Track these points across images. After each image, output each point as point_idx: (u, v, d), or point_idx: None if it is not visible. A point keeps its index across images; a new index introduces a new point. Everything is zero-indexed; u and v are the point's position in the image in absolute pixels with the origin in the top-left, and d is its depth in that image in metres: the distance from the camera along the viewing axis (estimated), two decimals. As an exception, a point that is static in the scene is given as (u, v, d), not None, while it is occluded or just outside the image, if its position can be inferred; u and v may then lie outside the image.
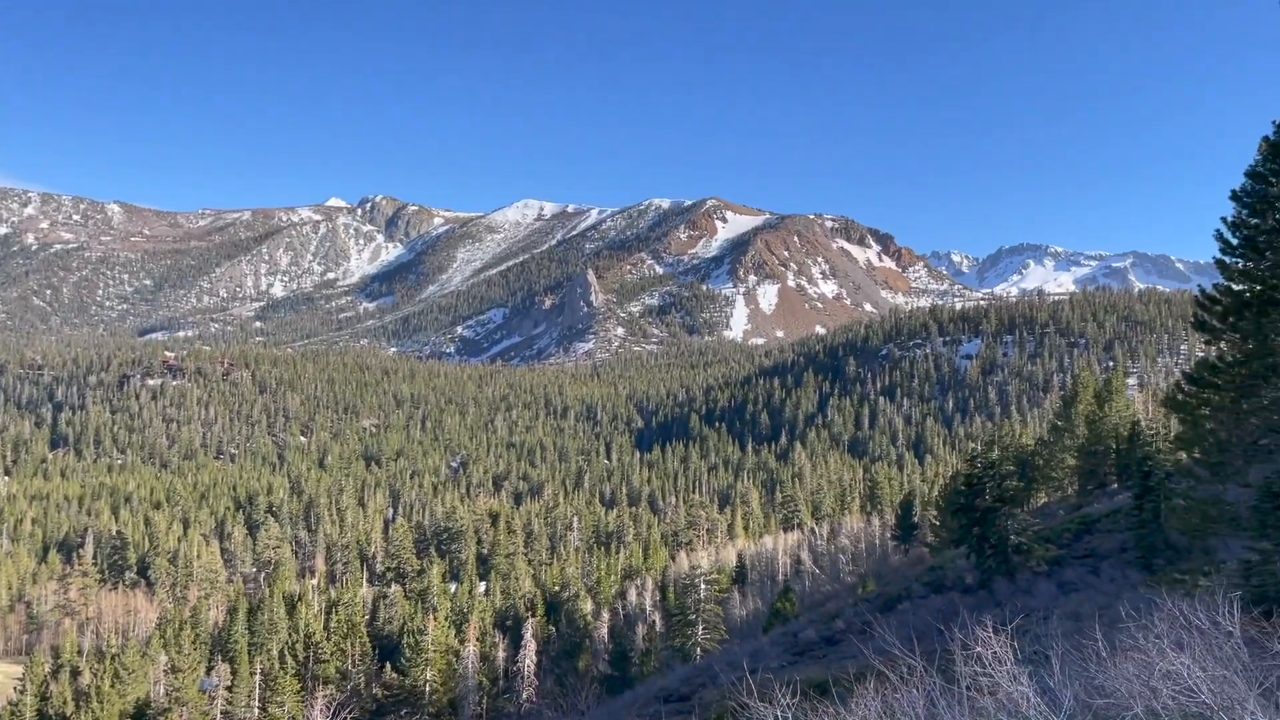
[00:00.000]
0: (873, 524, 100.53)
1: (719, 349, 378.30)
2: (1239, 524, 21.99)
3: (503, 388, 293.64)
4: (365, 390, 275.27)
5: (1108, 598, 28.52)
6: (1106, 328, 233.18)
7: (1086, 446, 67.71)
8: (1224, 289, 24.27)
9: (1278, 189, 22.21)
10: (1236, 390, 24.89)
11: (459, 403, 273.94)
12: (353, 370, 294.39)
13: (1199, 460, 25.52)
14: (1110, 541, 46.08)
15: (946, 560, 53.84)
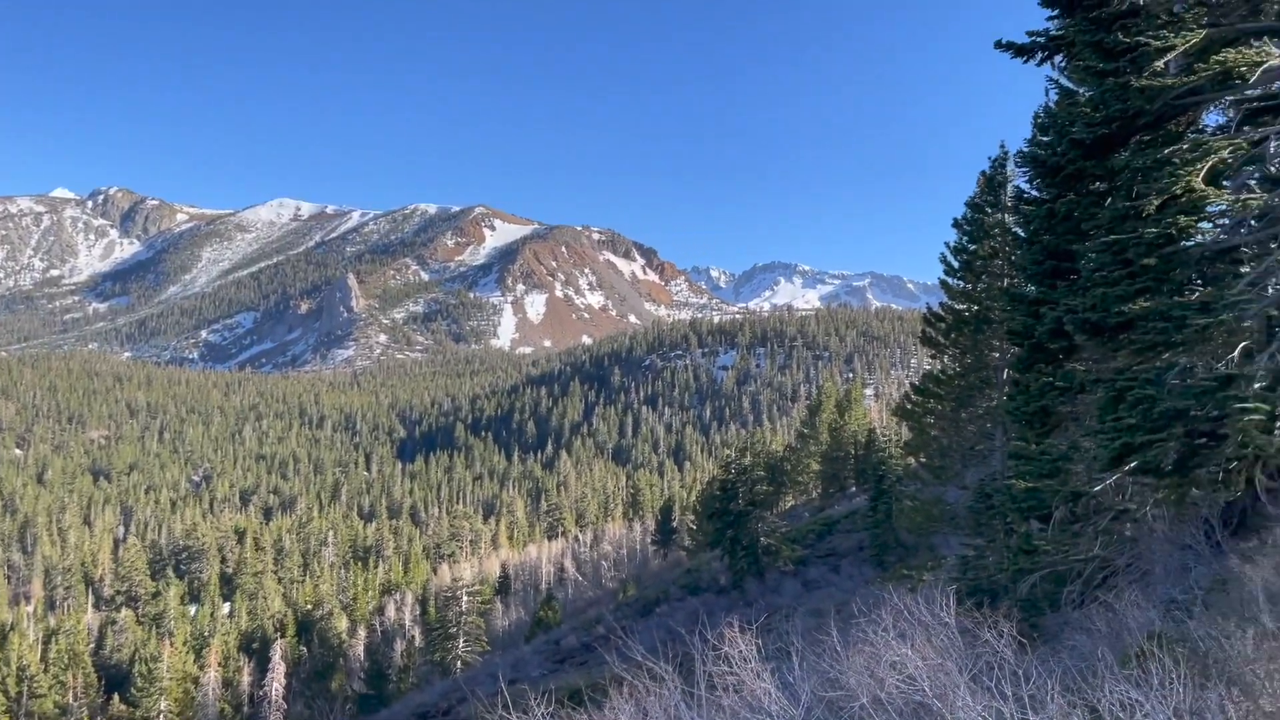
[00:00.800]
0: (635, 530, 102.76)
1: (486, 358, 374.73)
2: (958, 523, 24.12)
3: (252, 396, 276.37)
4: (94, 399, 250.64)
5: (846, 594, 30.54)
6: (847, 342, 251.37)
7: (829, 452, 72.58)
8: (947, 308, 26.63)
9: (992, 218, 24.60)
10: (957, 400, 27.44)
11: (202, 412, 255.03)
12: (79, 376, 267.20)
13: (924, 464, 27.88)
14: (849, 541, 49.41)
15: (703, 563, 55.81)
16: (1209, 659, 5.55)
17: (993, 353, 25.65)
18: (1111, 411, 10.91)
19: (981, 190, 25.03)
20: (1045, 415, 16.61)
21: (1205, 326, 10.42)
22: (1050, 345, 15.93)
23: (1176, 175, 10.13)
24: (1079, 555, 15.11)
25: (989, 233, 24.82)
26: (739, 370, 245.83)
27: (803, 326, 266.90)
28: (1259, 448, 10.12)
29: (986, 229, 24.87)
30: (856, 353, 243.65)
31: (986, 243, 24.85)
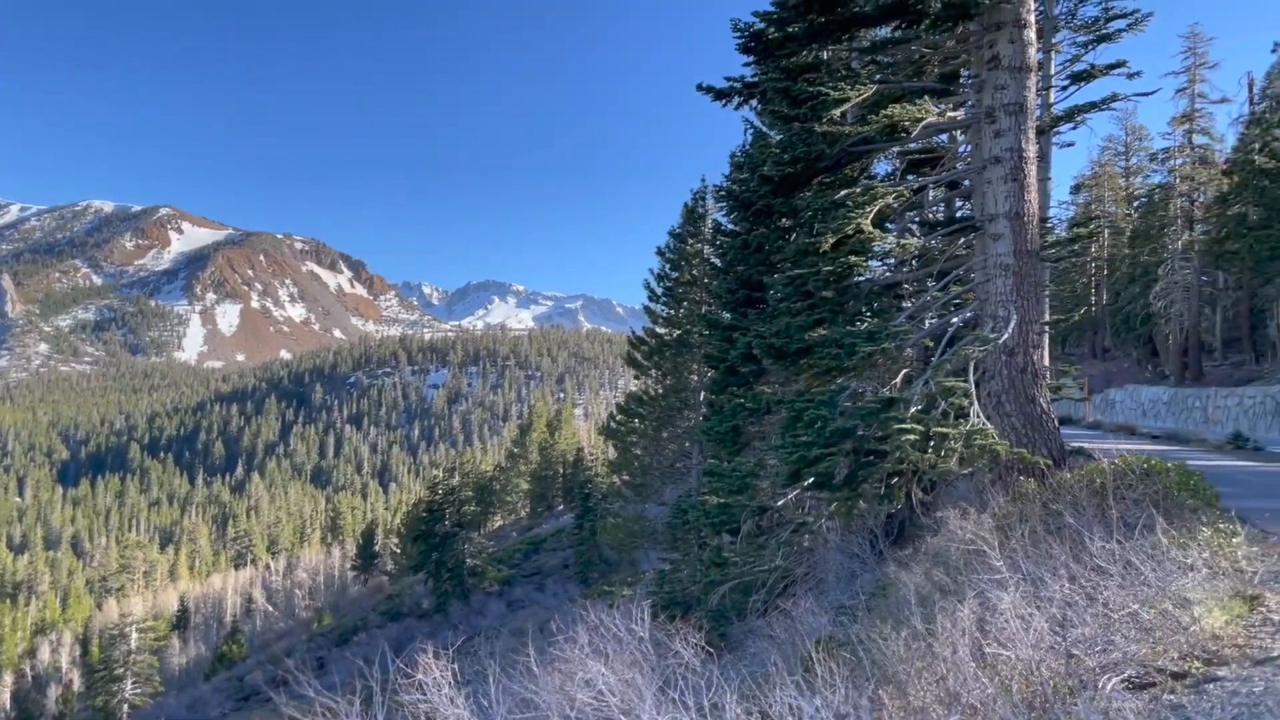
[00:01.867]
0: (334, 555, 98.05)
1: (169, 372, 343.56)
2: (657, 538, 25.01)
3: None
4: None
5: (549, 612, 30.74)
6: (559, 362, 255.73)
7: (539, 472, 73.19)
8: (650, 332, 27.71)
9: (693, 248, 25.90)
10: (659, 420, 28.60)
11: None
12: None
13: (627, 482, 28.75)
14: (555, 559, 49.91)
15: (405, 588, 54.18)
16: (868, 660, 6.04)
17: (692, 375, 27.00)
18: (791, 430, 11.71)
19: (684, 221, 26.37)
20: (736, 434, 17.65)
21: (871, 353, 11.45)
22: (742, 369, 16.98)
23: (849, 217, 11.09)
24: (763, 566, 16.13)
25: (690, 261, 26.14)
26: (450, 389, 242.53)
27: (516, 346, 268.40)
28: (913, 464, 11.23)
29: (687, 257, 26.17)
30: (568, 373, 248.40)
31: (687, 270, 26.13)
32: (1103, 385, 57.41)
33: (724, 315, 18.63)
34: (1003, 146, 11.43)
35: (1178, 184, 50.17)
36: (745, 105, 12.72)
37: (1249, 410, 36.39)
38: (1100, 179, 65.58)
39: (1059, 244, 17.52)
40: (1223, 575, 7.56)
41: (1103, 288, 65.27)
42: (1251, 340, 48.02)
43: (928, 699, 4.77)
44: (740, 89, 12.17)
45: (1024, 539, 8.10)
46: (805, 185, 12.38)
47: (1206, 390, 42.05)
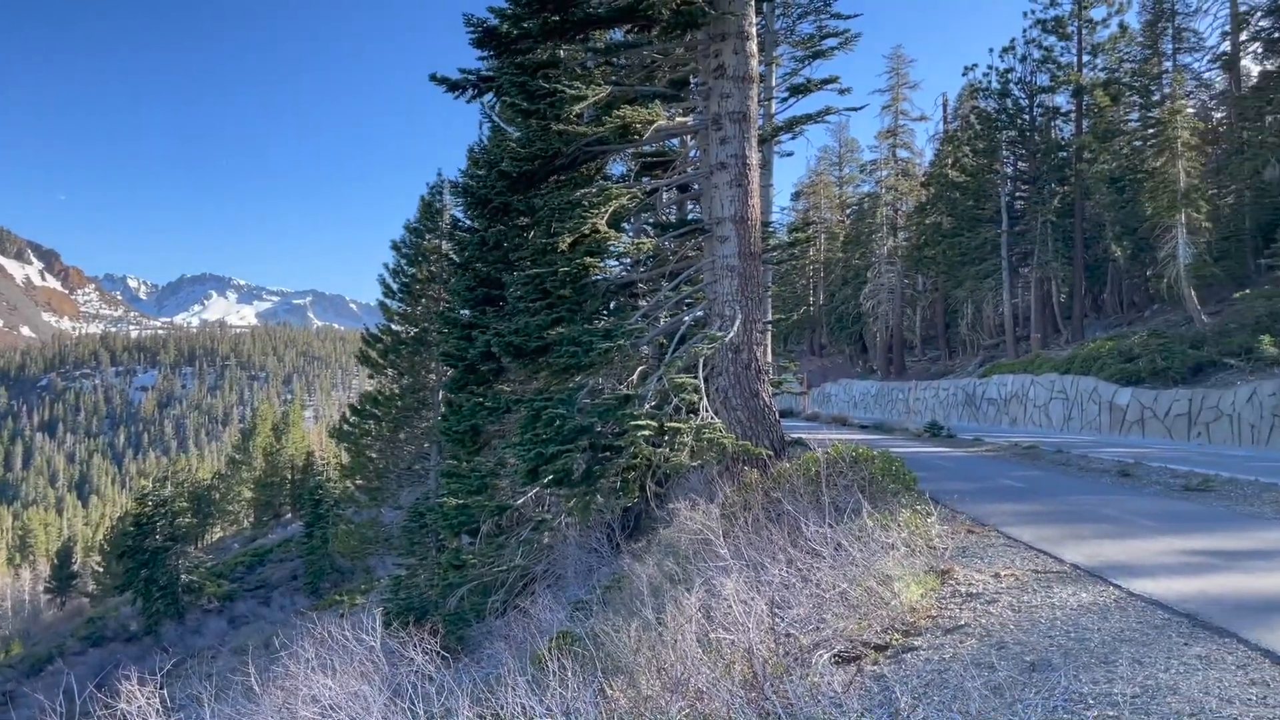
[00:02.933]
0: (23, 578, 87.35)
1: None
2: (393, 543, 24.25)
3: None
4: None
5: (276, 626, 29.01)
6: (287, 361, 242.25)
7: (264, 478, 68.86)
8: (385, 329, 26.82)
9: (430, 243, 25.35)
10: (395, 421, 27.73)
11: None
12: None
13: (361, 486, 27.68)
14: (283, 570, 47.23)
15: (110, 609, 49.26)
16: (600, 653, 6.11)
17: (430, 374, 26.40)
18: (530, 429, 11.70)
19: (421, 216, 25.74)
20: (475, 434, 17.43)
21: (608, 351, 11.66)
22: (481, 367, 16.77)
23: (585, 217, 11.23)
24: (503, 566, 16.03)
25: (427, 257, 25.56)
26: (161, 391, 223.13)
27: (237, 344, 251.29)
28: (647, 458, 11.55)
29: (425, 253, 25.57)
30: (296, 373, 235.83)
31: (425, 266, 25.54)
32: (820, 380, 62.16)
33: (463, 313, 18.34)
34: (728, 153, 12.00)
35: (883, 194, 55.29)
36: (480, 99, 12.56)
37: (943, 401, 40.71)
38: (817, 187, 71.02)
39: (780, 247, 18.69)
40: (919, 553, 8.33)
41: (820, 289, 70.69)
42: (946, 338, 53.76)
43: (656, 687, 4.87)
44: (475, 81, 12.00)
45: (747, 527, 8.54)
46: (543, 183, 12.41)
47: (908, 383, 46.61)
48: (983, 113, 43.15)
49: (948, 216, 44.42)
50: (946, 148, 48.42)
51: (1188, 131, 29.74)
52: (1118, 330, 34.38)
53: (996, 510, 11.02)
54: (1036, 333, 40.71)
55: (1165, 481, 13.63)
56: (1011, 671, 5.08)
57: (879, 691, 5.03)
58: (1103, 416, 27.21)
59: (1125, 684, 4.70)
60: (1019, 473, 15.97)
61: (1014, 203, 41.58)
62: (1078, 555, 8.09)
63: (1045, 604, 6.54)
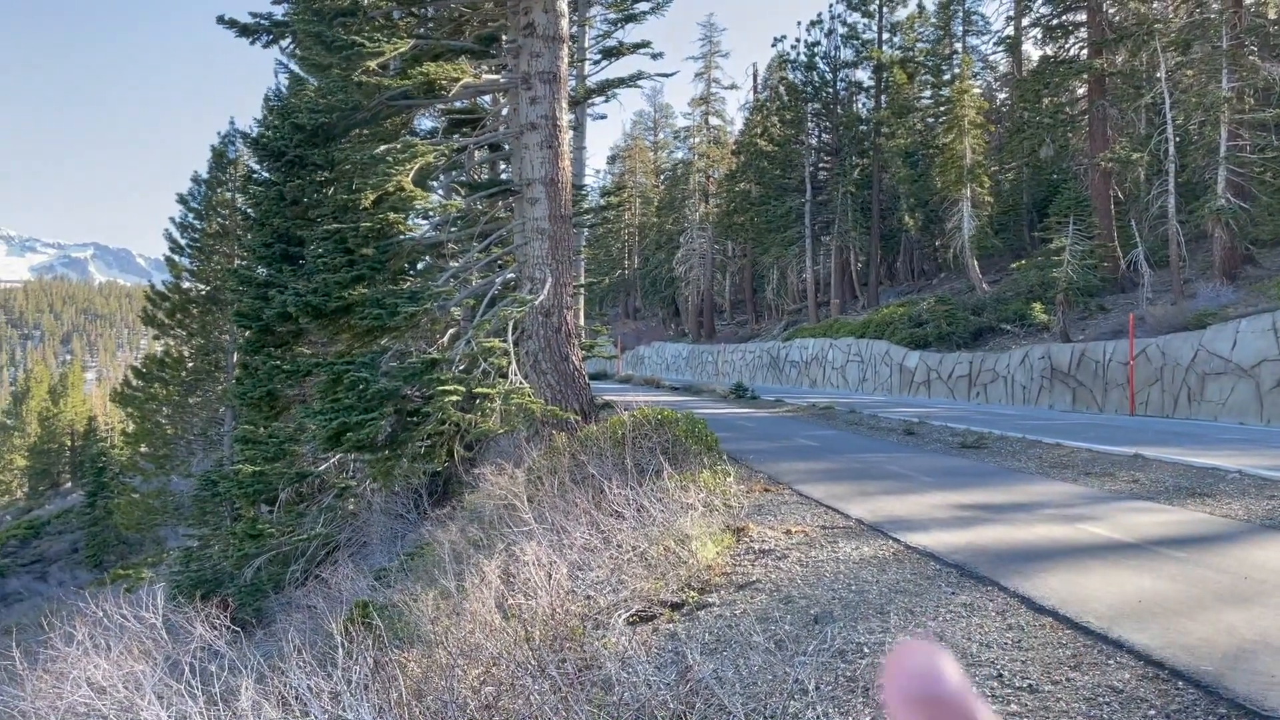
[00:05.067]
0: None
1: None
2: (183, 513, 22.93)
3: None
4: None
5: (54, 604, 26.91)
6: (65, 320, 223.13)
7: (40, 445, 63.68)
8: (173, 286, 25.11)
9: (222, 196, 23.85)
10: (184, 385, 26.08)
11: None
12: None
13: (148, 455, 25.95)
14: (61, 543, 43.89)
15: None
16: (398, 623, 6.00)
17: (224, 335, 24.95)
18: (331, 394, 11.29)
19: (212, 167, 24.13)
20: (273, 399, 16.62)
21: (414, 314, 11.37)
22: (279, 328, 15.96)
23: (389, 173, 10.84)
24: (303, 535, 15.45)
25: (219, 211, 24.05)
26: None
27: (7, 300, 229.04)
28: (455, 423, 11.39)
29: (216, 206, 24.05)
30: (76, 332, 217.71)
31: (216, 220, 24.03)
32: (634, 342, 63.07)
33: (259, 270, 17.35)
34: (538, 113, 11.86)
35: (696, 160, 56.33)
36: (276, 45, 11.84)
37: (750, 363, 42.23)
38: (633, 152, 71.49)
39: (593, 210, 18.72)
40: (717, 512, 8.62)
41: (634, 253, 71.46)
42: (753, 302, 55.62)
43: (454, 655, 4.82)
44: (268, 27, 11.29)
45: (553, 491, 8.57)
46: (343, 136, 11.88)
47: (717, 346, 48.03)
48: (791, 84, 44.55)
49: (756, 185, 45.80)
50: (756, 117, 49.80)
51: (974, 110, 31.81)
52: (909, 297, 36.60)
53: (792, 469, 11.54)
54: (836, 298, 42.76)
55: (945, 439, 14.68)
56: (795, 624, 5.34)
57: (671, 649, 5.17)
58: (894, 378, 28.97)
59: (897, 633, 5.03)
60: (815, 432, 16.78)
61: (818, 173, 43.30)
62: (863, 511, 8.59)
63: (830, 558, 6.91)
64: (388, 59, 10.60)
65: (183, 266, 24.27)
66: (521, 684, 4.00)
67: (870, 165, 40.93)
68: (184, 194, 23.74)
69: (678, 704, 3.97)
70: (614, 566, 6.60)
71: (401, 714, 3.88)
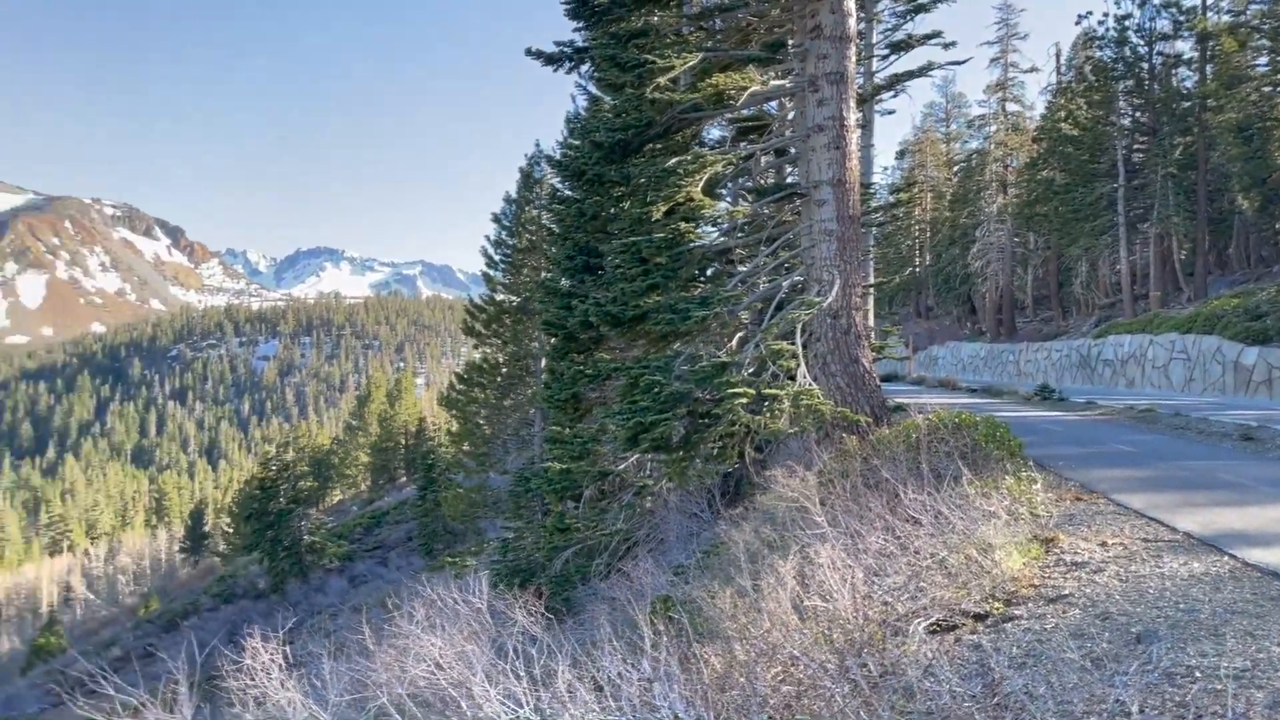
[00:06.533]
0: (159, 538, 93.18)
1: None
2: (500, 507, 24.90)
3: None
4: None
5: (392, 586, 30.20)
6: (398, 330, 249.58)
7: (379, 444, 71.39)
8: (488, 299, 27.37)
9: (529, 214, 25.69)
10: (499, 388, 28.37)
11: None
12: None
13: (469, 452, 28.46)
14: (398, 532, 49.02)
15: (239, 568, 52.08)
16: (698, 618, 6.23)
17: (533, 342, 26.87)
18: (629, 396, 11.85)
19: (521, 187, 26.08)
20: (577, 401, 17.70)
21: (704, 318, 11.70)
22: (581, 335, 17.00)
23: (679, 185, 11.24)
24: (606, 530, 16.33)
25: (527, 227, 25.94)
26: (282, 360, 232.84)
27: (351, 315, 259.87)
28: (745, 424, 11.58)
29: (524, 224, 25.95)
30: (408, 341, 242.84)
31: (525, 236, 25.92)
32: (926, 342, 60.79)
33: (563, 282, 18.58)
34: (825, 115, 11.81)
35: (992, 149, 53.37)
36: (576, 70, 12.64)
37: (1056, 363, 39.37)
38: (923, 144, 68.88)
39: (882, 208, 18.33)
40: (1022, 520, 8.18)
41: (925, 249, 68.82)
42: (1059, 297, 51.85)
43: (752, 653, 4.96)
44: (570, 54, 12.08)
45: (845, 494, 8.51)
46: (637, 152, 12.45)
47: (1018, 345, 45.20)
48: (1098, 63, 41.10)
49: (1060, 172, 42.63)
50: (1059, 100, 46.38)
51: (1326, 71, 27.84)
52: (1244, 287, 32.57)
53: (1106, 476, 10.68)
54: (1155, 291, 38.90)
55: (1293, 446, 12.96)
56: (1114, 643, 4.98)
57: (975, 661, 5.00)
58: (1226, 377, 25.92)
59: (1234, 657, 4.56)
60: (1132, 437, 15.40)
61: (1131, 156, 39.62)
62: (1191, 523, 7.81)
63: (1154, 574, 6.35)
64: (677, 73, 11.00)
65: (496, 280, 26.48)
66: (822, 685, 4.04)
67: (1194, 144, 36.83)
68: (497, 213, 25.93)
69: (984, 717, 3.84)
70: (911, 573, 6.47)
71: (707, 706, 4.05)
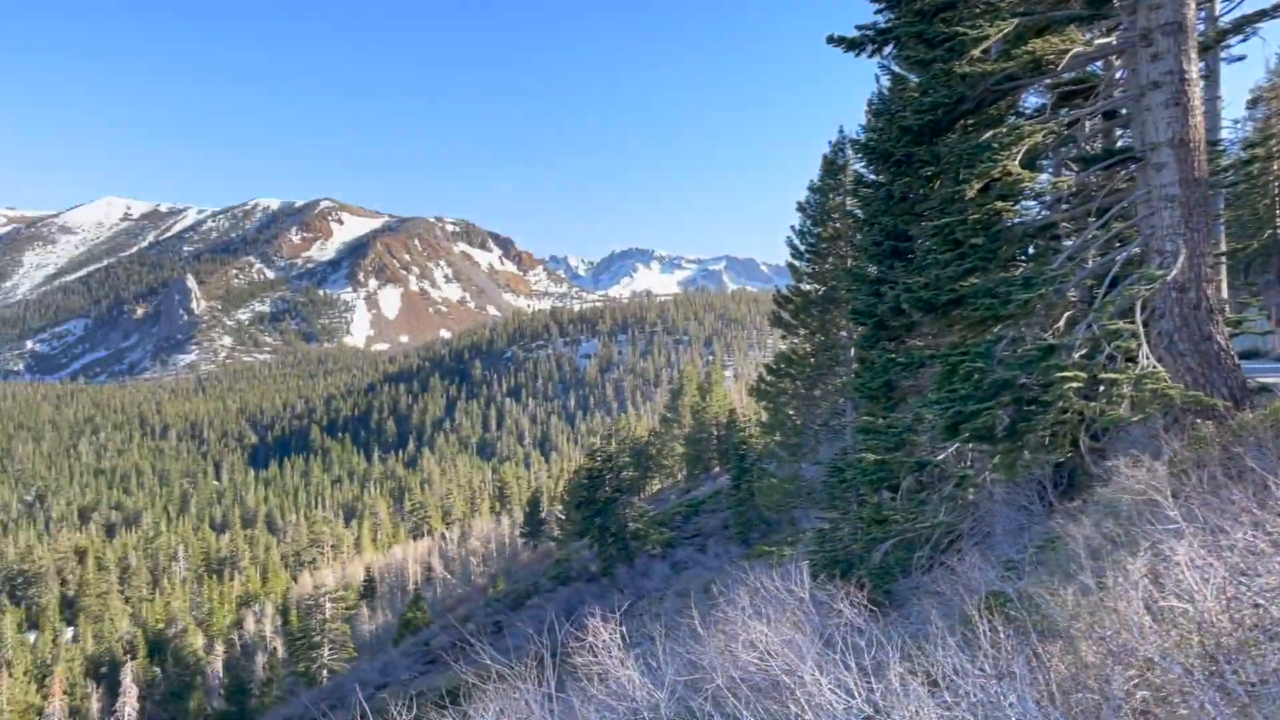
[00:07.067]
0: (503, 524, 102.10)
1: (340, 356, 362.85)
2: (814, 497, 24.90)
3: (87, 408, 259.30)
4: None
5: (712, 573, 31.12)
6: (706, 325, 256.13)
7: (693, 435, 73.77)
8: (794, 289, 27.42)
9: (833, 201, 25.43)
10: (808, 379, 28.33)
11: (32, 427, 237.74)
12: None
13: (780, 442, 28.70)
14: (715, 520, 50.34)
15: (572, 553, 55.88)
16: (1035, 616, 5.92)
17: (841, 331, 26.56)
18: (946, 384, 11.45)
19: (823, 174, 25.85)
20: (890, 390, 17.33)
21: (1027, 300, 11.04)
22: (892, 323, 16.62)
23: (994, 159, 10.68)
24: (926, 522, 15.84)
25: (831, 215, 25.68)
26: (601, 358, 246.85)
27: (662, 312, 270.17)
28: (1078, 411, 10.80)
29: (828, 211, 25.70)
30: (715, 335, 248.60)
31: (829, 225, 25.68)
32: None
33: (870, 268, 18.24)
34: (1161, 70, 10.73)
35: (1371, 87, 45.62)
36: (879, 53, 12.37)
37: None
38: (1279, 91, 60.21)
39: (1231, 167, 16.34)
40: None
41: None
42: None
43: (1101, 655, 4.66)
44: (873, 37, 11.84)
45: (1201, 486, 7.71)
46: (948, 130, 11.97)
47: None
48: None
49: None
50: None
51: None
52: None
53: None
54: None
55: None
56: None
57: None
58: None
59: None
60: None
61: None
62: None
63: None
64: (990, 43, 10.46)
65: (802, 270, 26.47)
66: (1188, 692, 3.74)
67: None
68: (801, 202, 25.93)
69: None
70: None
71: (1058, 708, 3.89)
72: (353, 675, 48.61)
